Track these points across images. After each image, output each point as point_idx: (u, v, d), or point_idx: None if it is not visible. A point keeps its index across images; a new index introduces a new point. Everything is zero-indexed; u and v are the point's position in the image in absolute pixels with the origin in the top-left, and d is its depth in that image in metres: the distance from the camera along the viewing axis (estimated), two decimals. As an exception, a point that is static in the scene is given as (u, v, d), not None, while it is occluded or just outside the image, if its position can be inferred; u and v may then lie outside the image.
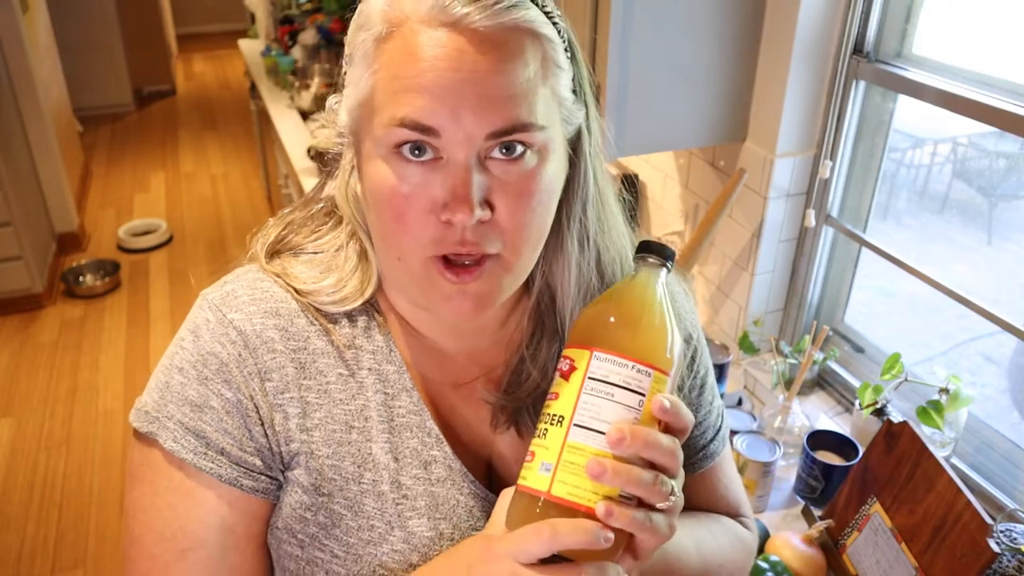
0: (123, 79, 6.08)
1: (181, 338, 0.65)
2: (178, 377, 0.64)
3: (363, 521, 0.65)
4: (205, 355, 0.64)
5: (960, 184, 2.83)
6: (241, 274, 0.68)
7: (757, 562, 1.11)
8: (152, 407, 0.64)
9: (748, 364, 1.59)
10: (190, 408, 0.63)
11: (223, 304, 0.65)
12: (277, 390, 0.64)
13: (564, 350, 0.59)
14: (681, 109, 1.42)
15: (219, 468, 0.63)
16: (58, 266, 3.99)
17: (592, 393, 0.56)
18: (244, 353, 0.64)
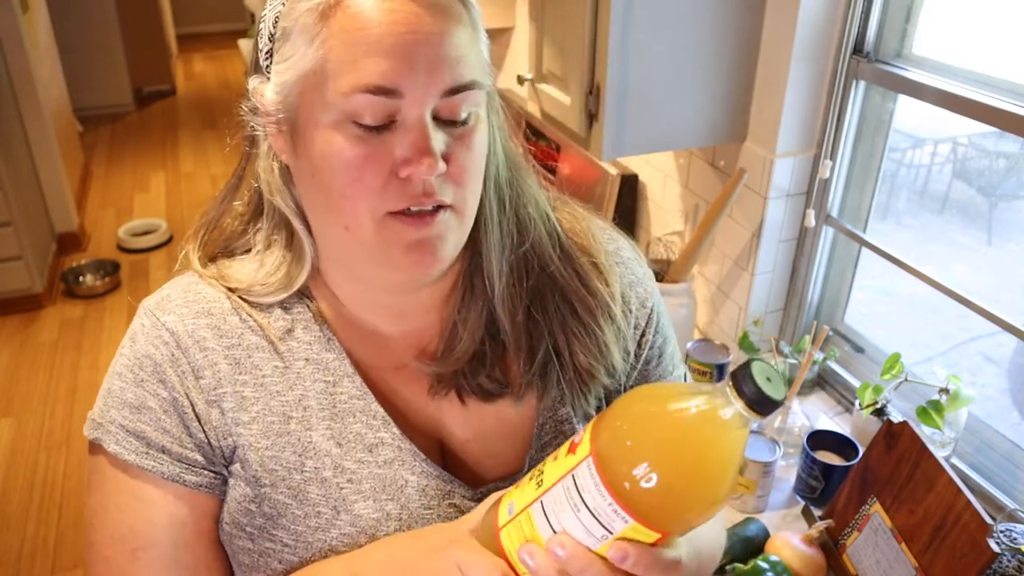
0: (123, 79, 6.08)
1: (121, 346, 0.68)
2: (117, 382, 0.67)
3: (309, 508, 0.66)
4: (140, 358, 0.66)
5: (960, 184, 2.83)
6: (176, 280, 0.71)
7: (757, 562, 1.11)
8: (97, 414, 0.67)
9: (748, 364, 1.59)
10: (129, 410, 0.65)
11: (157, 308, 0.68)
12: (211, 387, 0.66)
13: (592, 421, 0.52)
14: (681, 109, 1.42)
15: (161, 466, 0.65)
16: (58, 266, 3.99)
17: (564, 492, 0.51)
18: (177, 353, 0.66)
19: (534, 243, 0.70)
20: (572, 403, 0.72)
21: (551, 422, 0.72)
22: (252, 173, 0.68)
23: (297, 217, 0.66)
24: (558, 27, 1.43)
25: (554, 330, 0.70)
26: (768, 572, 1.10)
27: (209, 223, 0.72)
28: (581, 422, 0.73)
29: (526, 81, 1.58)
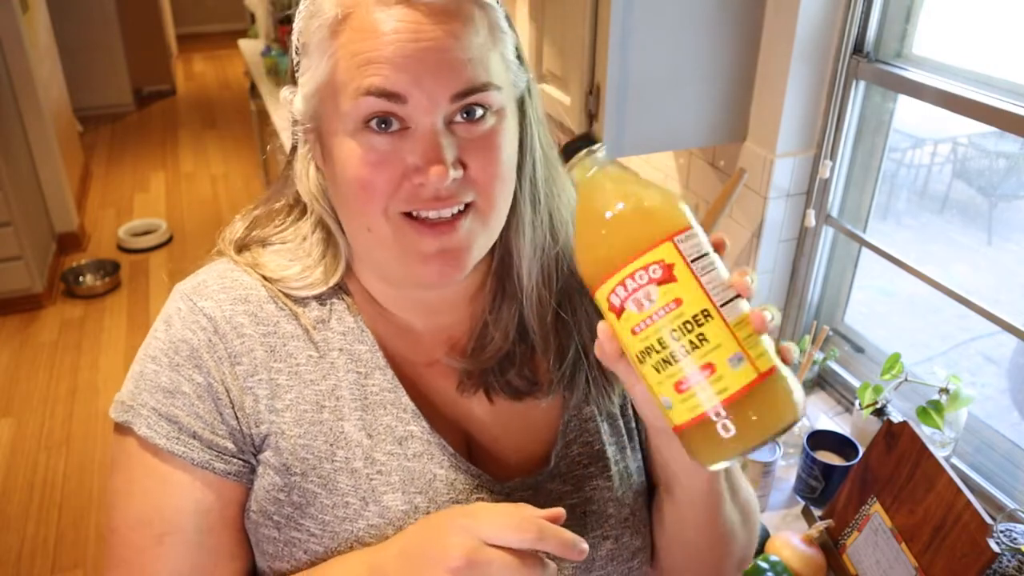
0: (123, 79, 6.08)
1: (155, 329, 0.68)
2: (151, 366, 0.66)
3: (337, 499, 0.66)
4: (176, 342, 0.66)
5: (960, 184, 2.83)
6: (212, 267, 0.71)
7: (757, 562, 1.11)
8: (127, 397, 0.66)
9: (748, 364, 1.59)
10: (163, 394, 0.65)
11: (194, 293, 0.68)
12: (247, 373, 0.66)
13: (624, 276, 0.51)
14: (681, 109, 1.42)
15: (192, 452, 0.65)
16: (58, 266, 3.99)
17: (706, 271, 0.51)
18: (214, 339, 0.66)
19: (564, 245, 0.71)
20: (597, 401, 0.73)
21: (576, 420, 0.73)
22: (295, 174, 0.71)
23: (331, 218, 0.68)
24: (558, 27, 1.43)
25: (582, 330, 0.72)
26: (768, 572, 1.10)
27: (257, 216, 0.73)
28: (605, 420, 0.74)
29: (526, 81, 1.58)
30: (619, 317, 0.52)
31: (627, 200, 0.53)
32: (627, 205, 0.52)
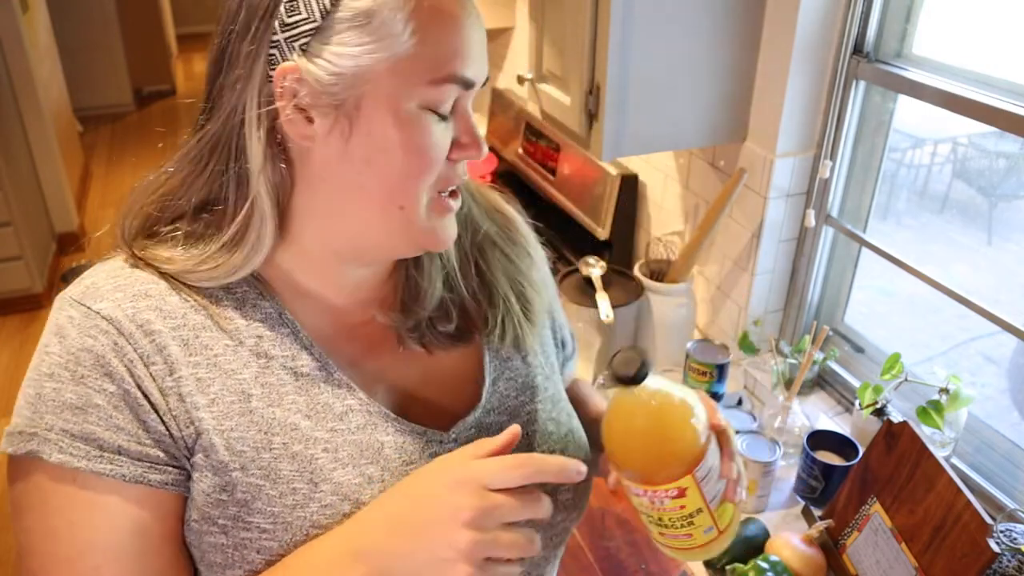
0: (123, 79, 6.07)
1: (45, 344, 0.61)
2: (50, 384, 0.60)
3: (284, 487, 0.63)
4: (76, 352, 0.60)
5: (960, 184, 2.83)
6: (98, 268, 0.66)
7: (757, 562, 1.11)
8: (25, 424, 0.60)
9: (748, 364, 1.59)
10: (71, 412, 0.59)
11: (85, 298, 0.62)
12: (164, 372, 0.61)
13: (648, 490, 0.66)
14: (681, 109, 1.42)
15: (121, 468, 0.59)
16: (58, 266, 3.98)
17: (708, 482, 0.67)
18: (120, 341, 0.60)
19: (470, 206, 0.77)
20: (520, 341, 0.78)
21: (499, 358, 0.77)
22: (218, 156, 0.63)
23: (271, 202, 0.63)
24: (558, 27, 1.43)
25: (499, 277, 0.78)
26: (768, 572, 1.10)
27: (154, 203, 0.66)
28: (528, 354, 0.79)
29: (526, 81, 1.58)
30: (632, 494, 0.68)
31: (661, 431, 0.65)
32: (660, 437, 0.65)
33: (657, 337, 1.62)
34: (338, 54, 0.58)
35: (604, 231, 1.83)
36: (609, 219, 1.81)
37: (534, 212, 0.84)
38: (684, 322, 1.62)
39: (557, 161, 2.01)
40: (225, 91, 0.61)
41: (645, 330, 1.63)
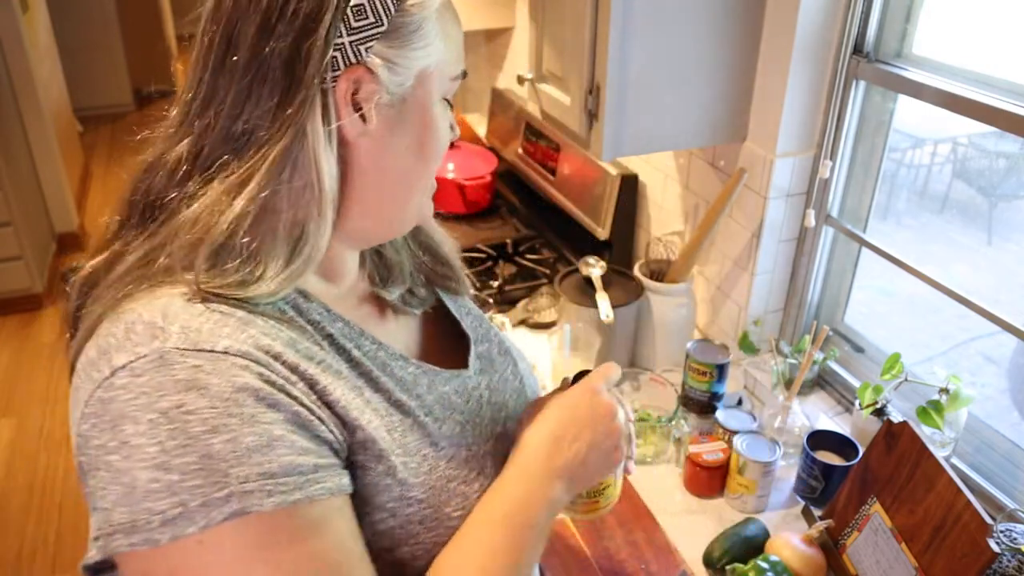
0: (123, 79, 6.08)
1: (180, 404, 0.54)
2: (218, 439, 0.54)
3: (418, 457, 0.68)
4: (231, 396, 0.55)
5: (960, 184, 2.83)
6: (166, 310, 0.58)
7: (757, 562, 1.11)
8: (213, 488, 0.53)
9: (748, 364, 1.59)
10: (260, 454, 0.54)
11: (197, 344, 0.56)
12: (307, 388, 0.60)
13: None
14: (681, 109, 1.42)
15: (326, 484, 0.58)
16: (58, 266, 3.99)
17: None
18: (263, 371, 0.57)
19: None
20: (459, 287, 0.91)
21: (453, 302, 0.89)
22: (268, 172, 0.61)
23: (335, 205, 0.64)
24: (558, 27, 1.43)
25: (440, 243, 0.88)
26: (768, 572, 1.10)
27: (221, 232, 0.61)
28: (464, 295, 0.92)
29: (526, 81, 1.58)
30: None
31: None
32: None
33: (657, 337, 1.62)
34: (404, 55, 0.64)
35: (604, 231, 1.83)
36: (609, 219, 1.81)
37: (534, 212, 0.86)
38: (684, 322, 1.62)
39: (557, 161, 2.01)
40: (271, 100, 0.60)
41: (645, 330, 1.63)
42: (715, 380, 1.42)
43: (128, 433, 0.54)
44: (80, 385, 0.59)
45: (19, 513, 2.61)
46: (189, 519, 0.52)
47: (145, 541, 0.53)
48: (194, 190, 0.62)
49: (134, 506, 0.53)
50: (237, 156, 0.62)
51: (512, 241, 2.10)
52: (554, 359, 1.59)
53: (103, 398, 0.55)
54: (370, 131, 0.64)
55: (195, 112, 0.64)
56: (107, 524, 0.54)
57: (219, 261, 0.61)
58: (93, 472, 0.56)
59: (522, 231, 2.18)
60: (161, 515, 0.53)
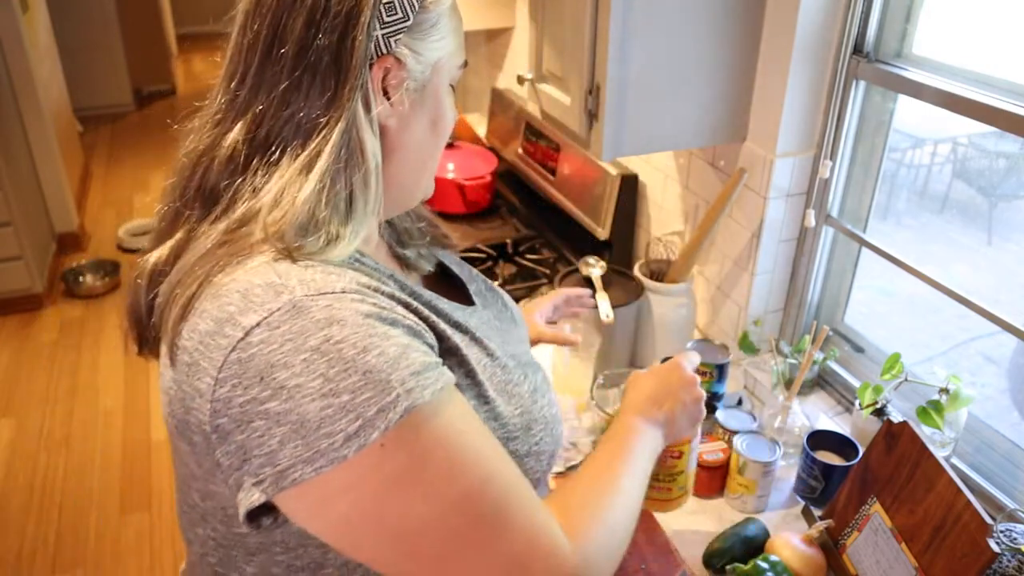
0: (123, 79, 6.08)
1: (328, 338, 0.60)
2: (369, 357, 0.60)
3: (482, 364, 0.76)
4: (363, 322, 0.62)
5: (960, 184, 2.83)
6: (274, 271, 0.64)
7: (757, 562, 1.11)
8: (382, 396, 0.60)
9: (748, 364, 1.59)
10: (403, 359, 0.62)
11: (321, 289, 0.63)
12: (404, 307, 0.68)
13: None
14: (681, 109, 1.42)
15: (449, 374, 0.67)
16: (58, 266, 3.99)
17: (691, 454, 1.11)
18: (373, 300, 0.65)
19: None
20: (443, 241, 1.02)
21: (453, 259, 1.00)
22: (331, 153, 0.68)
23: (375, 175, 0.72)
24: (558, 27, 1.43)
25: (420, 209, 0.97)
26: (768, 572, 1.10)
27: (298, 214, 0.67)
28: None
29: (526, 81, 1.58)
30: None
31: None
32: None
33: (657, 337, 1.62)
34: (425, 46, 0.73)
35: (604, 231, 1.83)
36: (609, 219, 1.81)
37: (534, 212, 0.87)
38: (684, 322, 1.62)
39: (557, 161, 2.01)
40: (323, 89, 0.67)
41: (645, 330, 1.63)
42: (715, 380, 1.42)
43: (282, 378, 0.59)
44: (199, 359, 0.63)
45: (19, 513, 2.61)
46: (371, 427, 0.59)
47: (331, 461, 0.59)
48: (260, 173, 0.68)
49: (309, 437, 0.59)
50: (301, 140, 0.68)
51: (512, 241, 2.10)
52: (554, 359, 1.59)
53: (240, 358, 0.61)
54: (398, 113, 0.73)
55: (244, 101, 0.70)
56: (273, 465, 0.60)
57: (303, 233, 0.67)
58: (243, 427, 0.61)
59: (522, 231, 2.18)
60: (343, 433, 0.59)
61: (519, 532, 0.66)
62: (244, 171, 0.69)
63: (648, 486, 0.98)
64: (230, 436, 0.62)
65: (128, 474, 2.77)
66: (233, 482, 0.64)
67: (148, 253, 0.74)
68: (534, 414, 0.78)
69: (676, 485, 1.11)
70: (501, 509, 0.65)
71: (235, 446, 0.62)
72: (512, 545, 0.65)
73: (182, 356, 0.65)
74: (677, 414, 0.95)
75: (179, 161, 0.75)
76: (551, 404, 0.83)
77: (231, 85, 0.71)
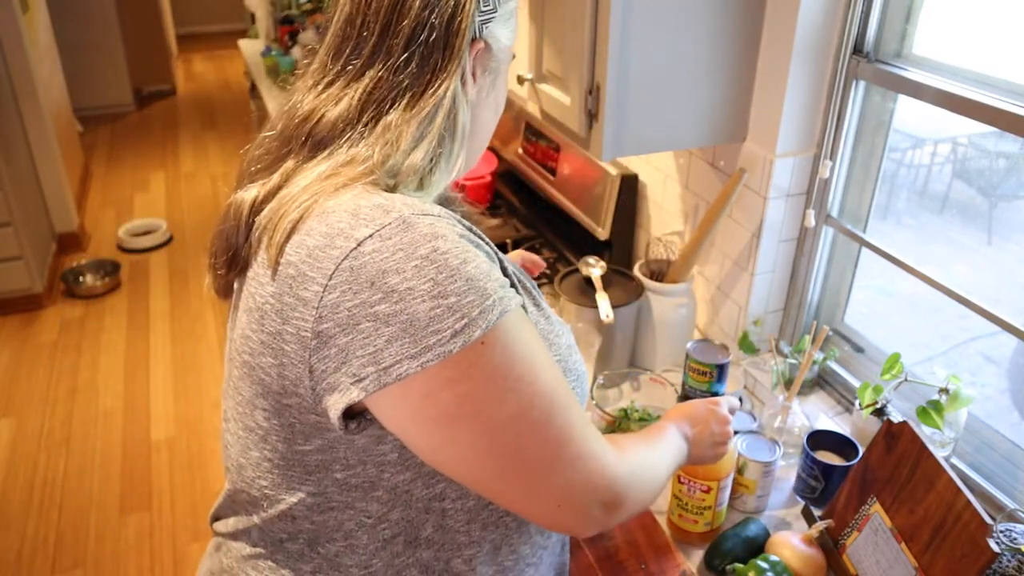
0: (123, 79, 6.08)
1: (435, 248, 0.68)
2: (468, 267, 0.68)
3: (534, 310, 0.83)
4: (458, 240, 0.69)
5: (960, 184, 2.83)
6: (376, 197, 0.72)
7: (757, 562, 1.11)
8: (483, 299, 0.68)
9: (748, 364, 1.59)
10: (495, 272, 0.71)
11: (423, 212, 0.70)
12: (482, 244, 0.75)
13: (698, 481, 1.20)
14: (681, 109, 1.42)
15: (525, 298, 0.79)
16: (58, 266, 3.99)
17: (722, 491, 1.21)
18: (460, 229, 0.72)
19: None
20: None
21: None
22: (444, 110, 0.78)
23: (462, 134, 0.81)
24: (558, 27, 1.43)
25: None
26: (768, 572, 1.10)
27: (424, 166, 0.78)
28: None
29: (526, 81, 1.58)
30: (680, 482, 1.21)
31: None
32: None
33: (657, 337, 1.62)
34: (505, 35, 0.83)
35: (604, 231, 1.83)
36: (609, 219, 1.81)
37: (534, 212, 0.87)
38: (684, 322, 1.62)
39: (557, 161, 2.01)
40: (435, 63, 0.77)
41: (645, 330, 1.63)
42: (715, 380, 1.42)
43: (394, 282, 0.66)
44: (306, 270, 0.69)
45: (19, 513, 2.61)
46: (475, 325, 0.67)
47: (438, 356, 0.66)
48: (370, 128, 0.76)
49: (418, 334, 0.66)
50: (410, 105, 0.76)
51: (512, 241, 2.10)
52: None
53: (353, 266, 0.67)
54: (480, 89, 0.83)
55: (363, 65, 0.77)
56: (377, 363, 0.66)
57: (403, 177, 0.76)
58: (348, 329, 0.67)
59: (522, 231, 2.18)
60: (451, 330, 0.66)
61: (581, 431, 0.74)
62: (355, 124, 0.76)
63: (677, 514, 1.21)
64: (332, 340, 0.67)
65: (128, 474, 2.77)
66: (327, 385, 0.69)
67: (241, 192, 0.80)
68: (569, 365, 0.85)
69: (703, 520, 1.21)
70: (569, 408, 0.73)
71: (336, 349, 0.67)
72: (577, 442, 0.73)
73: (286, 270, 0.70)
74: (704, 438, 1.03)
75: (282, 113, 0.82)
76: (581, 362, 0.90)
77: (346, 51, 0.78)
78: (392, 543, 0.81)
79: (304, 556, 0.82)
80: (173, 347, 3.45)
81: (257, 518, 0.84)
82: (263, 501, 0.82)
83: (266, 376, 0.74)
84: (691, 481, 1.18)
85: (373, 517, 0.79)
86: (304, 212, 0.72)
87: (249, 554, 0.85)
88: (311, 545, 0.82)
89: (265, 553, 0.84)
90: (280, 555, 0.83)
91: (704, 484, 1.18)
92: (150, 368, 3.32)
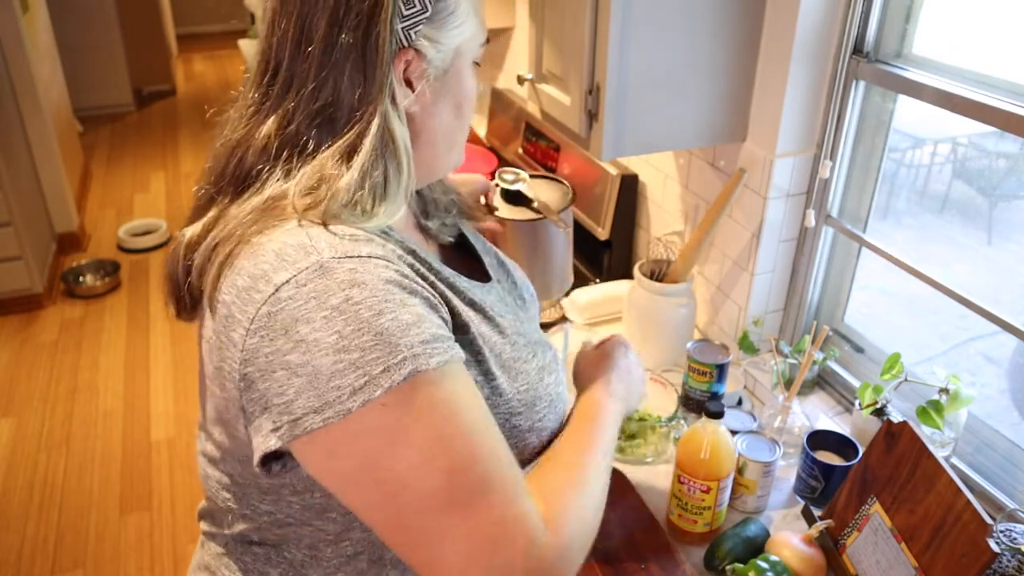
0: (123, 79, 6.08)
1: (347, 299, 0.64)
2: (384, 319, 0.64)
3: (492, 341, 0.80)
4: (384, 287, 0.66)
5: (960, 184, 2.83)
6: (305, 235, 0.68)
7: (757, 562, 1.11)
8: (390, 357, 0.64)
9: (748, 364, 1.59)
10: (415, 327, 0.66)
11: (346, 253, 0.67)
12: (423, 280, 0.72)
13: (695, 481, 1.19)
14: (681, 109, 1.42)
15: (458, 349, 0.70)
16: (58, 266, 3.99)
17: (722, 491, 1.21)
18: (400, 267, 0.69)
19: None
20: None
21: (471, 233, 1.03)
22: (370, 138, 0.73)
23: (407, 154, 0.75)
24: (558, 27, 1.43)
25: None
26: (768, 572, 1.10)
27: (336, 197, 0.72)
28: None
29: (526, 81, 1.58)
30: (679, 482, 1.21)
31: (716, 454, 1.18)
32: (715, 456, 1.18)
33: (657, 337, 1.62)
34: (444, 35, 0.76)
35: (604, 231, 1.83)
36: (609, 219, 1.81)
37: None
38: (684, 322, 1.62)
39: (557, 161, 2.01)
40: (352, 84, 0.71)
41: (645, 329, 1.63)
42: (715, 380, 1.42)
43: (304, 332, 0.64)
44: (235, 311, 0.67)
45: (19, 513, 2.61)
46: (376, 384, 0.63)
47: (337, 413, 0.63)
48: (294, 160, 0.72)
49: (321, 387, 0.63)
50: (334, 132, 0.72)
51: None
52: (557, 340, 1.59)
53: (271, 312, 0.65)
54: (422, 102, 0.76)
55: (277, 95, 0.73)
56: (289, 413, 0.64)
57: (341, 211, 0.71)
58: (266, 376, 0.65)
59: (522, 231, 2.18)
60: (350, 387, 0.63)
61: (498, 513, 0.67)
62: (276, 159, 0.73)
63: (676, 514, 1.23)
64: (254, 384, 0.66)
65: (128, 474, 2.77)
66: (253, 428, 0.68)
67: (185, 229, 0.78)
68: (539, 391, 0.82)
69: (703, 520, 1.21)
70: (485, 488, 0.67)
71: (258, 394, 0.66)
72: (490, 524, 0.67)
73: (221, 309, 0.69)
74: (630, 385, 0.99)
75: (215, 148, 0.79)
76: (558, 383, 0.86)
77: (263, 80, 0.75)
78: (356, 560, 0.80)
79: (271, 560, 0.83)
80: (173, 347, 3.45)
81: (225, 526, 0.85)
82: (228, 514, 0.83)
83: (218, 404, 0.74)
84: (691, 481, 1.18)
85: (332, 535, 0.78)
86: (236, 246, 0.69)
87: (222, 553, 0.87)
88: (277, 550, 0.82)
89: (235, 555, 0.85)
90: (248, 557, 0.84)
91: (704, 484, 1.17)
92: (150, 368, 3.32)
